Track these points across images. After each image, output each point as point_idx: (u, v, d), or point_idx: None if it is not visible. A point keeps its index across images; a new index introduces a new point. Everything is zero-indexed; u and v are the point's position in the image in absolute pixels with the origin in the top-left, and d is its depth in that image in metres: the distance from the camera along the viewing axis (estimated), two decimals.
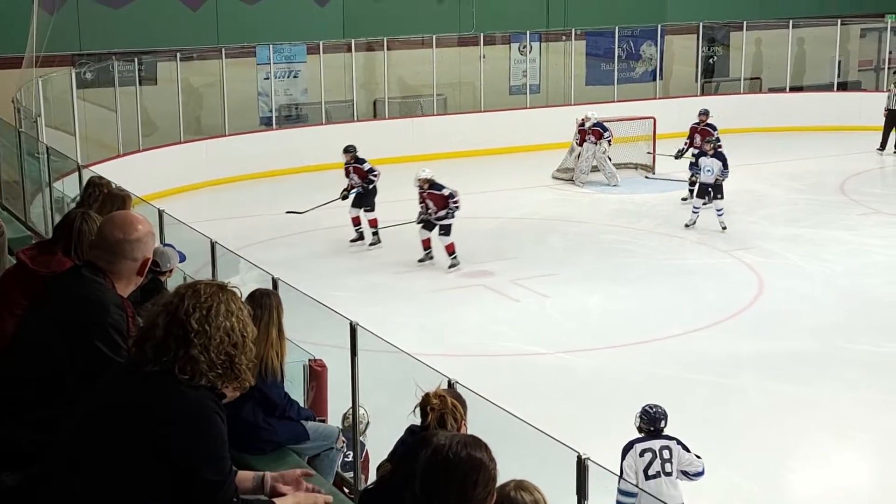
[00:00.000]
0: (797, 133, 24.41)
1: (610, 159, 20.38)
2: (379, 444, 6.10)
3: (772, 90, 26.47)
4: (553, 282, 14.73)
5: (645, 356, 12.04)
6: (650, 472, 7.67)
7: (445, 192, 15.31)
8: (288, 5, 22.96)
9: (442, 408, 4.23)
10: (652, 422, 7.92)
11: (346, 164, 16.93)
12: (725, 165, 16.90)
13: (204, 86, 22.43)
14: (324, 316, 7.65)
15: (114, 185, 7.38)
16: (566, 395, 11.21)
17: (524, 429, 5.77)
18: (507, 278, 14.82)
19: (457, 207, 15.29)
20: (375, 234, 16.45)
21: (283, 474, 3.87)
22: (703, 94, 26.33)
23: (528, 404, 9.60)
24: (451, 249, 15.38)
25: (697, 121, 19.35)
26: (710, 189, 16.93)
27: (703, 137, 18.28)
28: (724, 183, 16.90)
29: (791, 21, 25.74)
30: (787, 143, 23.51)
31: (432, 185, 15.37)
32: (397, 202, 16.57)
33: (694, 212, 17.18)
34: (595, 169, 20.47)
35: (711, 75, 27.07)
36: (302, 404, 6.90)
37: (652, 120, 21.38)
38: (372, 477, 5.94)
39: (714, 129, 18.66)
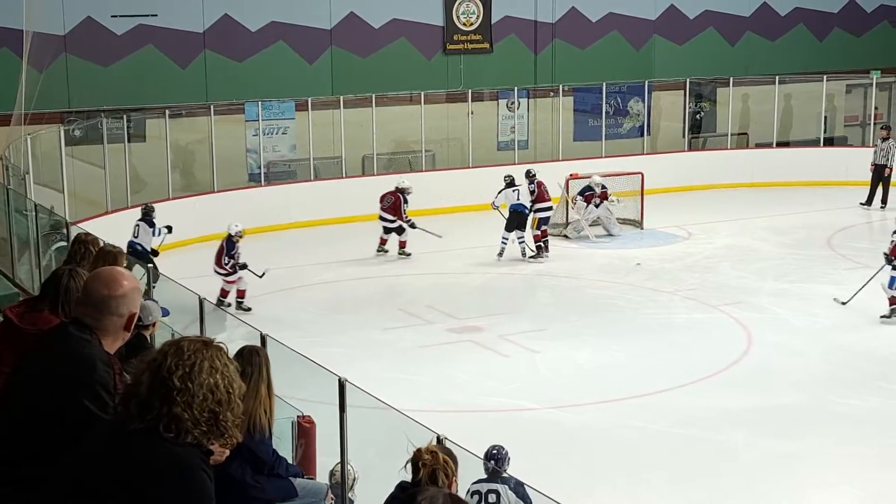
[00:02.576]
0: (784, 188, 24.56)
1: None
2: (369, 501, 6.06)
3: (759, 145, 26.65)
4: (542, 337, 14.72)
5: (634, 411, 12.00)
6: None
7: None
8: (277, 62, 23.12)
9: (434, 463, 4.21)
10: (487, 460, 7.78)
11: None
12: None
13: (193, 142, 22.51)
14: (312, 372, 7.63)
15: (102, 242, 7.37)
16: (556, 451, 11.15)
17: None
18: (496, 334, 14.80)
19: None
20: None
21: None
22: (690, 149, 26.52)
23: (519, 460, 9.55)
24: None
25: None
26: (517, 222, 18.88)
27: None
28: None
29: (777, 77, 25.98)
30: (775, 198, 23.63)
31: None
32: (390, 257, 16.56)
33: (503, 243, 18.94)
34: (595, 223, 20.72)
35: (699, 131, 27.25)
36: (290, 461, 6.86)
37: (640, 175, 21.49)
38: None
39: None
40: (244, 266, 16.22)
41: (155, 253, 16.98)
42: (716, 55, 27.06)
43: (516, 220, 19.08)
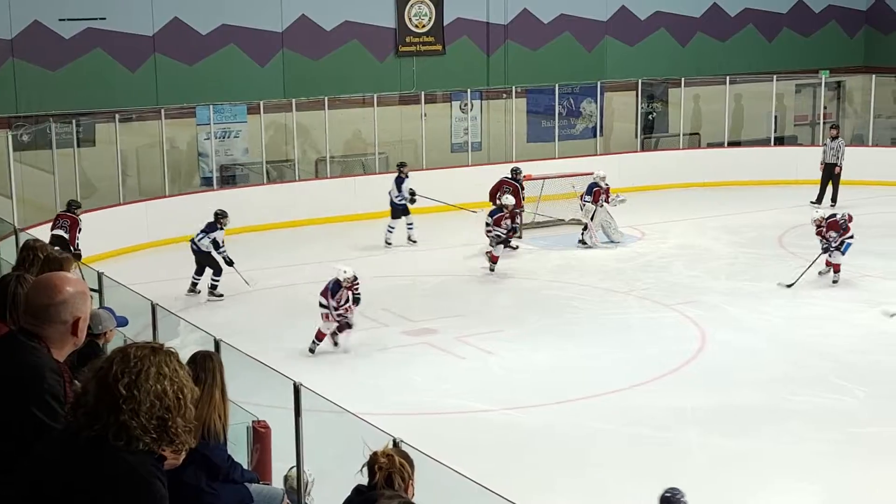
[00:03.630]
0: (736, 188, 24.76)
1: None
2: None
3: (710, 145, 26.86)
4: (498, 338, 14.73)
5: (590, 411, 12.04)
6: None
7: None
8: (228, 65, 22.97)
9: (390, 467, 4.19)
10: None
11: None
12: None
13: (143, 147, 22.31)
14: (267, 377, 7.59)
15: (52, 249, 7.28)
16: (513, 452, 11.16)
17: (471, 487, 5.73)
18: (452, 336, 14.79)
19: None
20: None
21: None
22: (643, 150, 26.67)
23: (475, 462, 9.54)
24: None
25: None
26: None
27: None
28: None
29: (728, 77, 26.18)
30: (727, 198, 23.81)
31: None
32: (344, 260, 16.48)
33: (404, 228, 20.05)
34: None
35: (651, 131, 27.41)
36: (246, 466, 6.82)
37: (590, 175, 21.55)
38: None
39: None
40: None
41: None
42: (667, 56, 27.24)
43: (396, 210, 20.32)
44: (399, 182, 20.52)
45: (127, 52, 22.06)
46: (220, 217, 16.90)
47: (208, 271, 17.01)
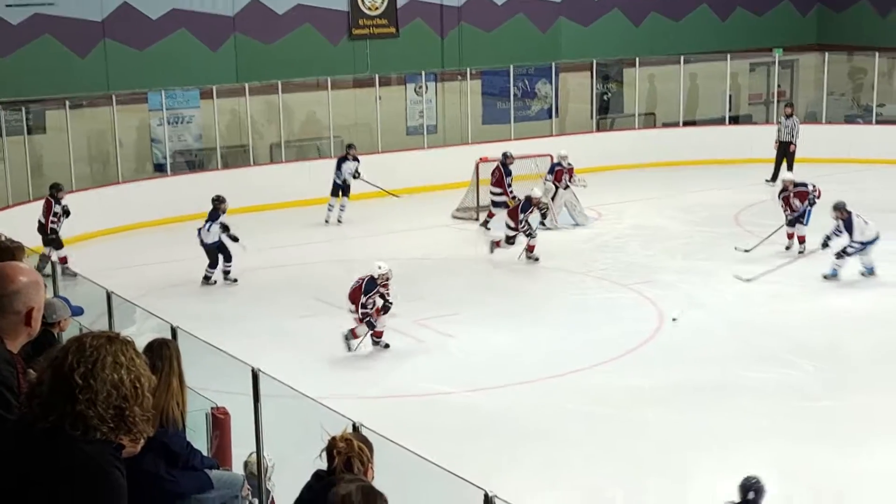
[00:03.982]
0: (691, 167, 24.89)
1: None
2: (286, 491, 6.00)
3: (665, 125, 26.98)
4: (457, 321, 14.73)
5: (550, 392, 12.07)
6: None
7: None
8: (179, 50, 22.74)
9: (348, 451, 4.17)
10: (741, 494, 7.93)
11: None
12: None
13: (95, 133, 22.07)
14: (225, 363, 7.54)
15: (2, 237, 7.18)
16: (473, 434, 11.17)
17: (431, 469, 5.73)
18: (411, 319, 14.76)
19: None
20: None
21: None
22: (598, 130, 26.72)
23: (436, 444, 9.55)
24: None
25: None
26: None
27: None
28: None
29: (682, 57, 26.28)
30: (682, 177, 23.93)
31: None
32: (302, 245, 16.40)
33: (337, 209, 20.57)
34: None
35: (606, 112, 27.48)
36: (205, 453, 6.77)
37: (549, 157, 21.58)
38: None
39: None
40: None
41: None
42: (621, 36, 27.30)
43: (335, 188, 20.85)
44: (340, 162, 20.86)
45: (76, 37, 21.78)
46: (218, 203, 16.63)
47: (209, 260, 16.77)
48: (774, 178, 23.12)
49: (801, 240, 17.38)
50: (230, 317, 15.15)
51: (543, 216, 19.24)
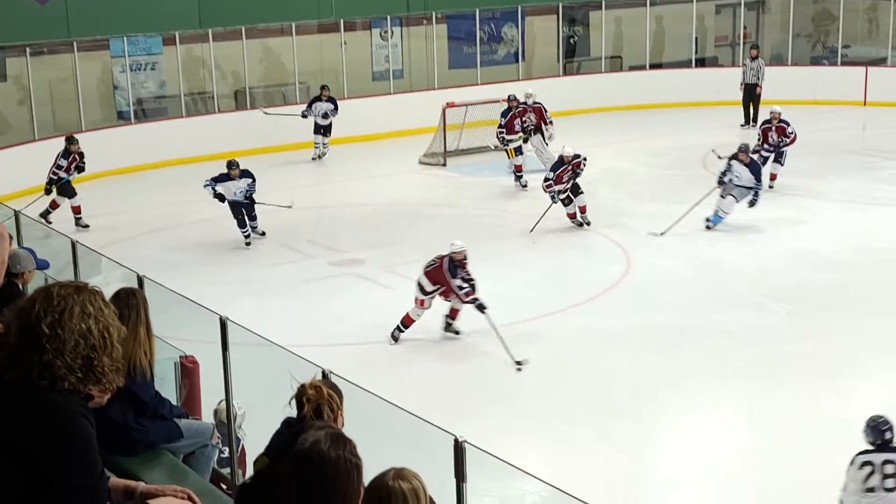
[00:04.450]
0: (659, 110, 24.89)
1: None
2: (256, 439, 6.00)
3: (632, 68, 26.91)
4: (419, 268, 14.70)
5: (518, 337, 12.10)
6: (868, 486, 7.49)
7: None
8: None
9: (318, 398, 4.17)
10: (875, 434, 7.67)
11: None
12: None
13: (57, 81, 21.76)
14: (193, 312, 7.51)
15: None
16: (443, 379, 11.22)
17: (401, 415, 5.74)
18: (379, 266, 14.76)
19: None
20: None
21: (157, 487, 3.80)
22: (565, 74, 26.64)
23: (406, 390, 9.59)
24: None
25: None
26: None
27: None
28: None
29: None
30: (650, 121, 23.94)
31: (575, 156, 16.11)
32: (268, 193, 16.29)
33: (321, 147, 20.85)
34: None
35: (573, 55, 27.37)
36: (174, 402, 6.76)
37: (506, 100, 21.44)
38: (250, 472, 5.84)
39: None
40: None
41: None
42: None
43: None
44: (312, 102, 21.33)
45: None
46: (231, 167, 16.03)
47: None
48: (747, 121, 23.16)
49: (773, 177, 17.70)
50: (197, 266, 15.09)
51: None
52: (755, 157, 16.82)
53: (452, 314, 12.41)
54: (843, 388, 10.63)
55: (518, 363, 11.10)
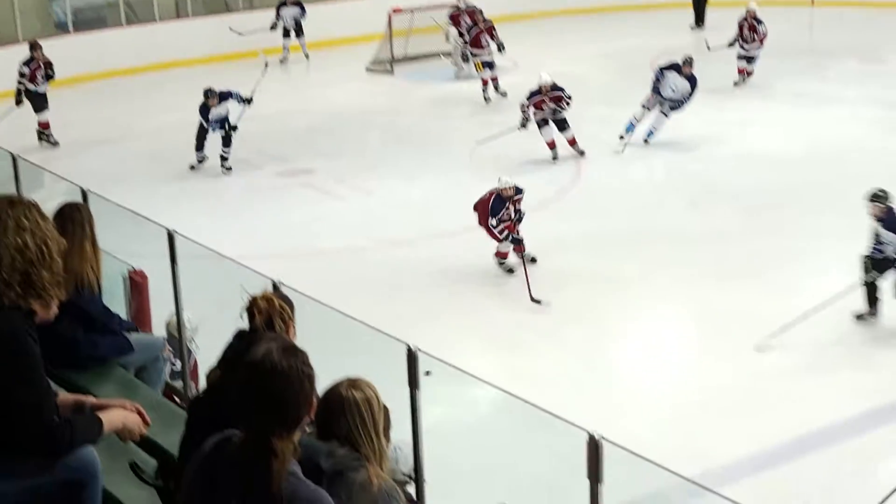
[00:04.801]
0: (610, 13, 24.71)
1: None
2: (208, 351, 5.97)
3: None
4: (375, 177, 14.64)
5: (471, 244, 12.09)
6: None
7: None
8: None
9: (269, 310, 4.13)
10: (880, 200, 9.31)
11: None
12: None
13: None
14: (140, 225, 7.41)
15: None
16: (394, 288, 11.20)
17: (353, 325, 5.71)
18: (329, 176, 14.65)
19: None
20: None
21: (106, 401, 3.77)
22: None
23: (357, 300, 9.55)
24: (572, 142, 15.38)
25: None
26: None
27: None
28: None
29: None
30: (602, 24, 23.77)
31: (554, 86, 15.05)
32: None
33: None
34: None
35: None
36: (124, 316, 6.70)
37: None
38: (203, 385, 5.81)
39: None
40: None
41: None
42: None
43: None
44: (279, 7, 21.51)
45: None
46: (208, 97, 14.99)
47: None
48: (698, 23, 23.08)
49: (742, 72, 18.26)
50: (141, 178, 14.89)
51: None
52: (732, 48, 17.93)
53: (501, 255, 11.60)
54: (793, 285, 10.71)
55: (536, 301, 10.70)
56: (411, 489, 4.69)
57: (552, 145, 15.27)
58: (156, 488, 4.32)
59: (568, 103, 15.13)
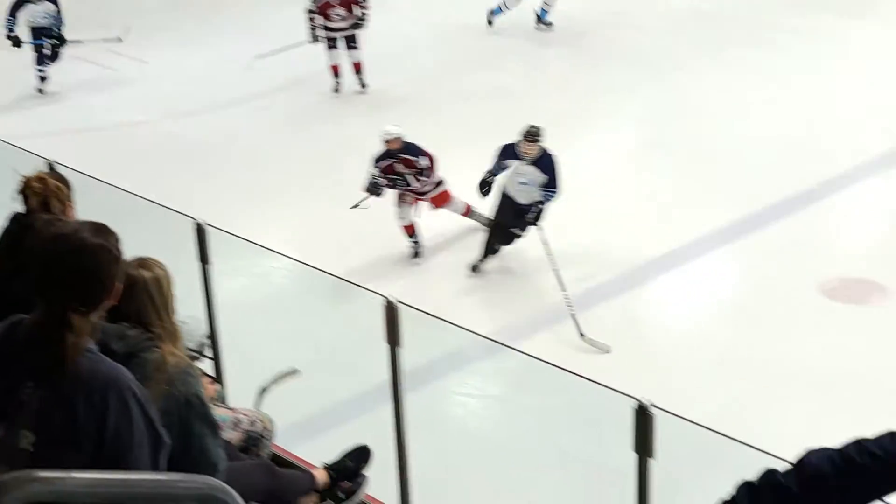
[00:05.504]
0: None
1: None
2: None
3: None
4: (150, 46, 14.03)
5: (249, 114, 11.90)
6: None
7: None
8: None
9: (44, 191, 3.95)
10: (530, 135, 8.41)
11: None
12: None
13: None
14: None
15: None
16: (175, 162, 10.94)
17: (137, 202, 5.58)
18: (101, 46, 13.94)
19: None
20: None
21: None
22: None
23: (137, 175, 9.30)
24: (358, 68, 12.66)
25: None
26: None
27: None
28: None
29: None
30: None
31: None
32: None
33: None
34: None
35: None
36: None
37: None
38: None
39: None
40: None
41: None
42: None
43: None
44: None
45: None
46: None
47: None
48: None
49: None
50: None
51: None
52: None
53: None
54: (583, 141, 10.87)
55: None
56: (202, 365, 4.67)
57: (336, 71, 12.65)
58: None
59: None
